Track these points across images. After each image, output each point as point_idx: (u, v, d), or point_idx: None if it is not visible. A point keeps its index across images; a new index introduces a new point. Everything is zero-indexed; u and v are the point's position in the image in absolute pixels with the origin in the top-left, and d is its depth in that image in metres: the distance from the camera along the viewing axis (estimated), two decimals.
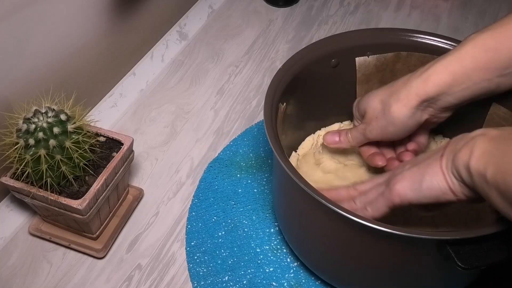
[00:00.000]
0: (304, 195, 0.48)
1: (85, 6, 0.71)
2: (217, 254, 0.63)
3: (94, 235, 0.62)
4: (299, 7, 0.99)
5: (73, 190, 0.58)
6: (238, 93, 0.83)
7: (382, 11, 0.98)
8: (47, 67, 0.68)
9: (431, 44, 0.64)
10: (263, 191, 0.69)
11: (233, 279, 0.61)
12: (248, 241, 0.64)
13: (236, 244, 0.64)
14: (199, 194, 0.69)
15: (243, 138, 0.76)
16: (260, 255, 0.63)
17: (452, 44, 0.63)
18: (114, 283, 0.61)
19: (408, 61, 0.65)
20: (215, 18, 0.96)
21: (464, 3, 1.00)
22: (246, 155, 0.74)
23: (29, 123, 0.55)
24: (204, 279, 0.61)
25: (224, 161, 0.73)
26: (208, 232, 0.65)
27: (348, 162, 0.67)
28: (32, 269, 0.62)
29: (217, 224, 0.66)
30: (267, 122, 0.54)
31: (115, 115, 0.79)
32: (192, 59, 0.88)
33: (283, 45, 0.91)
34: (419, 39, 0.64)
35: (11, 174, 0.58)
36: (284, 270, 0.62)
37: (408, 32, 0.65)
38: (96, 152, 0.60)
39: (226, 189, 0.70)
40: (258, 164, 0.72)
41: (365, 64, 0.65)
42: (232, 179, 0.71)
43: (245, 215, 0.67)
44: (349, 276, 0.56)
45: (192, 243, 0.64)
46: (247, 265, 0.62)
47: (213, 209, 0.67)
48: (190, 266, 0.62)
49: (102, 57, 0.78)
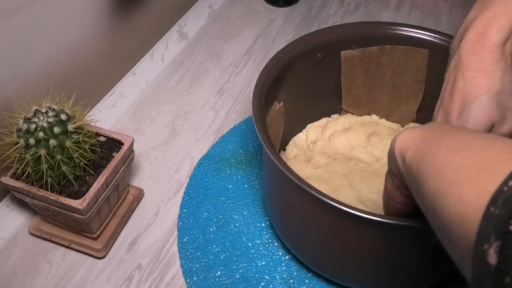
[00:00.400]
0: (294, 187, 0.49)
1: (85, 6, 0.71)
2: (209, 249, 0.63)
3: (94, 235, 0.62)
4: (299, 7, 0.99)
5: (73, 190, 0.58)
6: (238, 93, 0.83)
7: (382, 11, 0.98)
8: (48, 67, 0.68)
9: (416, 36, 0.65)
10: (253, 186, 0.70)
11: (226, 274, 0.61)
12: (239, 236, 0.65)
13: (228, 239, 0.64)
14: (190, 191, 0.69)
15: (231, 134, 0.76)
16: (252, 249, 0.63)
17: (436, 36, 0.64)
18: (114, 283, 0.61)
19: (392, 54, 0.66)
20: (215, 18, 0.96)
21: (464, 3, 1.00)
22: (235, 151, 0.74)
23: (29, 122, 0.55)
24: (197, 274, 0.61)
25: (214, 157, 0.73)
26: (200, 228, 0.65)
27: (337, 156, 0.67)
28: (32, 269, 0.62)
29: (209, 220, 0.66)
30: (256, 116, 0.54)
31: (115, 115, 0.79)
32: (192, 59, 0.88)
33: (283, 45, 0.90)
34: (403, 32, 0.65)
35: (11, 174, 0.58)
36: (276, 264, 0.62)
37: (392, 25, 0.66)
38: (97, 152, 0.60)
39: (216, 186, 0.70)
40: (247, 160, 0.73)
41: (350, 57, 0.66)
42: (222, 175, 0.71)
43: (236, 210, 0.67)
44: (341, 267, 0.57)
45: (184, 239, 0.64)
46: (239, 259, 0.62)
47: (204, 205, 0.68)
48: (183, 262, 0.62)
49: (102, 57, 0.78)
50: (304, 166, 0.67)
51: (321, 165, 0.66)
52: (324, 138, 0.70)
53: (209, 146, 0.75)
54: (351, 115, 0.73)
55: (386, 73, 0.68)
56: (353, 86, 0.70)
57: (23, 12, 0.61)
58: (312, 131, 0.71)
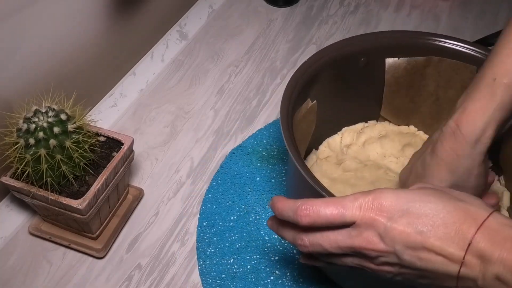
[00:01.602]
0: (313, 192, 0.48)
1: (85, 6, 0.71)
2: (226, 237, 0.64)
3: (94, 235, 0.62)
4: (299, 7, 0.99)
5: (73, 190, 0.58)
6: (238, 93, 0.83)
7: (382, 11, 0.98)
8: (47, 66, 0.68)
9: (464, 52, 0.63)
10: (280, 182, 0.70)
11: (238, 263, 0.62)
12: (258, 228, 0.65)
13: (246, 230, 0.65)
14: (218, 178, 0.71)
15: (269, 129, 0.77)
16: (268, 243, 0.64)
17: (486, 54, 0.61)
18: (114, 283, 0.61)
19: (439, 66, 0.64)
20: (215, 18, 0.96)
21: (464, 3, 1.00)
22: (269, 146, 0.75)
23: (29, 122, 0.55)
24: (210, 259, 0.62)
25: (247, 149, 0.74)
26: (221, 215, 0.67)
27: (368, 162, 0.67)
28: (32, 269, 0.62)
29: (231, 208, 0.67)
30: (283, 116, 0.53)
31: (115, 115, 0.79)
32: (192, 59, 0.88)
33: (283, 45, 0.91)
34: (452, 45, 0.63)
35: (11, 174, 0.58)
36: (288, 261, 0.62)
37: (439, 37, 0.64)
38: (96, 152, 0.60)
39: (244, 176, 0.71)
40: (279, 156, 0.73)
41: (395, 66, 0.65)
42: (252, 167, 0.72)
43: (259, 203, 0.68)
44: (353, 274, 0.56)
45: (204, 223, 0.66)
46: (253, 251, 0.63)
47: (229, 193, 0.69)
48: (199, 245, 0.64)
49: (102, 57, 0.78)
50: (334, 168, 0.66)
51: (351, 169, 0.66)
52: (358, 143, 0.69)
53: (209, 146, 0.75)
54: (388, 123, 0.71)
55: (429, 84, 0.66)
56: (395, 95, 0.68)
57: (23, 12, 0.61)
58: (347, 134, 0.70)
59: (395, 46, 0.64)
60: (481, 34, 0.91)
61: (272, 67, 0.87)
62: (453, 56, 0.63)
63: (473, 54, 0.63)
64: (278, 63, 0.88)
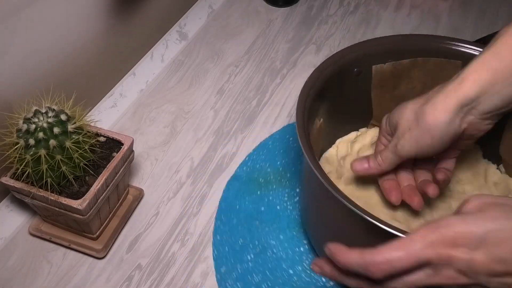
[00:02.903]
0: (353, 218, 0.46)
1: (85, 6, 0.71)
2: (249, 279, 0.60)
3: (94, 235, 0.62)
4: (299, 7, 0.99)
5: (73, 190, 0.58)
6: (238, 93, 0.83)
7: (382, 11, 0.98)
8: (47, 67, 0.68)
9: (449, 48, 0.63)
10: (285, 207, 0.68)
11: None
12: (279, 263, 0.62)
13: (267, 267, 0.61)
14: (221, 216, 0.67)
15: (258, 152, 0.74)
16: (294, 277, 0.60)
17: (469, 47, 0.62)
18: (114, 283, 0.61)
19: (424, 66, 0.64)
20: (215, 18, 0.96)
21: (464, 3, 1.00)
22: (263, 170, 0.72)
23: (29, 123, 0.55)
24: None
25: (242, 178, 0.71)
26: (237, 257, 0.63)
27: None
28: (32, 269, 0.62)
29: (245, 247, 0.63)
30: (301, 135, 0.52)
31: (115, 115, 0.79)
32: (192, 59, 0.88)
33: (283, 45, 0.91)
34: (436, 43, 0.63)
35: (11, 174, 0.58)
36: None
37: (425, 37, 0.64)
38: (96, 152, 0.60)
39: (248, 208, 0.67)
40: (276, 179, 0.71)
41: (381, 71, 0.65)
42: (253, 197, 0.69)
43: (271, 235, 0.65)
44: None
45: (222, 270, 0.61)
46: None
47: (238, 231, 0.65)
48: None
49: (102, 57, 0.78)
50: (337, 184, 0.65)
51: (351, 182, 0.65)
52: (353, 154, 0.68)
53: (209, 146, 0.75)
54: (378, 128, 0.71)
55: (416, 86, 0.66)
56: (382, 100, 0.68)
57: (23, 12, 0.61)
58: (342, 146, 0.69)
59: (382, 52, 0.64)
60: (481, 34, 0.91)
61: (272, 67, 0.87)
62: (437, 54, 0.63)
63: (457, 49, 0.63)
64: (278, 63, 0.88)
